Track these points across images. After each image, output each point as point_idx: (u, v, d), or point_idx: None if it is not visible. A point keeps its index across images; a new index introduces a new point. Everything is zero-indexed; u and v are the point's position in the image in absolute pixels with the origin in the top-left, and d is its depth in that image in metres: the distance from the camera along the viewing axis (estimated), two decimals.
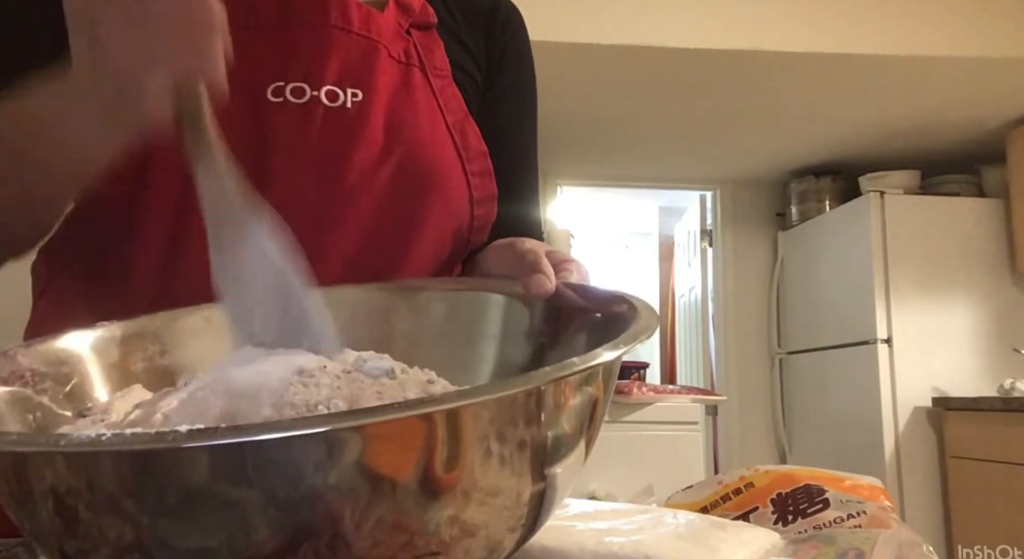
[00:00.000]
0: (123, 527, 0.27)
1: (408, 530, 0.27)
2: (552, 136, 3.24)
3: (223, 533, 0.27)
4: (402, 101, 0.64)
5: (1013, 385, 2.82)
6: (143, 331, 0.49)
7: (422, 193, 0.64)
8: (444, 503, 0.28)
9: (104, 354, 0.46)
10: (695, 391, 2.48)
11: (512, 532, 0.32)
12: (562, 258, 0.54)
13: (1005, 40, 2.60)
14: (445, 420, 0.27)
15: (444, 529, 0.28)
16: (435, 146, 0.65)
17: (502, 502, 0.30)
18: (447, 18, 0.71)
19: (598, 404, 0.35)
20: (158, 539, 0.27)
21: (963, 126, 3.19)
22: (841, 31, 2.56)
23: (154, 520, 0.27)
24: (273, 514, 0.26)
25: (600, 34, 2.49)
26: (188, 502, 0.26)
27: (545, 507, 0.33)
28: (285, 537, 0.26)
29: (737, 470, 0.62)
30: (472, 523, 0.29)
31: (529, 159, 0.79)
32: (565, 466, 0.33)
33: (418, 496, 0.27)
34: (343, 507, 0.26)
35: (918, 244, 3.19)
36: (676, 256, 5.07)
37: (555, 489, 0.33)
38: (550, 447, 0.31)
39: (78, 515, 0.27)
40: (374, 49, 0.64)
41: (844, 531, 0.53)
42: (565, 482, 0.34)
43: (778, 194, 4.01)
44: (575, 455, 0.34)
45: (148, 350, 0.48)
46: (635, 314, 0.41)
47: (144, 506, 0.27)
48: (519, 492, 0.30)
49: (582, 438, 0.34)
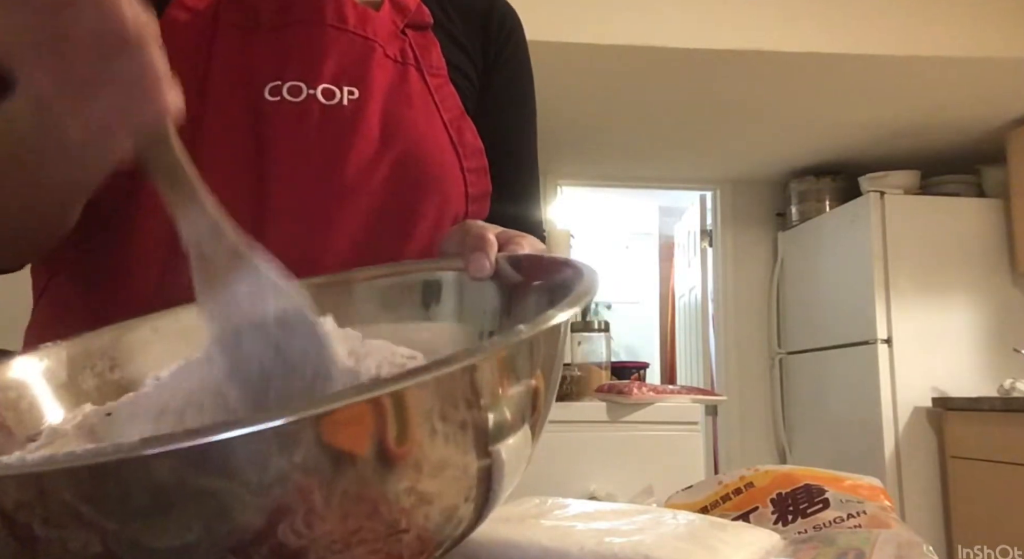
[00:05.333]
0: (88, 537, 0.26)
1: (371, 500, 0.29)
2: (552, 136, 3.24)
3: (199, 526, 0.27)
4: (398, 99, 0.64)
5: (1013, 385, 2.81)
6: (89, 349, 0.48)
7: (419, 189, 0.64)
8: (399, 475, 0.29)
9: (52, 376, 0.46)
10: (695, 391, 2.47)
11: (467, 501, 0.33)
12: (515, 235, 0.53)
13: (1005, 40, 2.60)
14: (391, 402, 0.28)
15: (403, 498, 0.30)
16: (431, 143, 0.65)
17: (451, 473, 0.32)
18: (442, 18, 0.72)
19: (543, 371, 0.36)
20: (130, 543, 0.26)
21: (963, 126, 3.19)
22: (841, 31, 2.56)
23: (123, 525, 0.26)
24: (247, 499, 0.27)
25: (600, 34, 2.49)
26: (157, 502, 0.26)
27: (495, 479, 0.34)
28: (262, 519, 0.27)
29: (737, 470, 0.62)
30: (427, 492, 0.31)
31: (529, 159, 0.78)
32: (508, 446, 0.34)
33: (376, 469, 0.29)
34: (311, 484, 0.27)
35: (918, 244, 3.19)
36: (676, 256, 5.07)
37: (502, 462, 0.34)
38: (492, 423, 0.33)
39: (34, 533, 0.26)
40: (370, 48, 0.64)
41: (844, 531, 0.53)
42: (514, 454, 0.34)
43: (778, 194, 4.01)
44: (521, 435, 0.35)
45: (97, 367, 0.48)
46: (579, 277, 0.40)
47: (108, 512, 0.26)
48: (466, 465, 0.32)
49: (528, 405, 0.35)
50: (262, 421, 0.25)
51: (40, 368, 0.46)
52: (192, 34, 0.60)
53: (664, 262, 5.56)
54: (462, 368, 0.30)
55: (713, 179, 4.06)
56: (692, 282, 4.44)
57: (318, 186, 0.61)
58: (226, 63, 0.60)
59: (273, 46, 0.61)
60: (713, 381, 4.07)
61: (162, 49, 0.39)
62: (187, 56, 0.59)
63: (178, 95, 0.39)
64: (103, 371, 0.48)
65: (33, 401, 0.44)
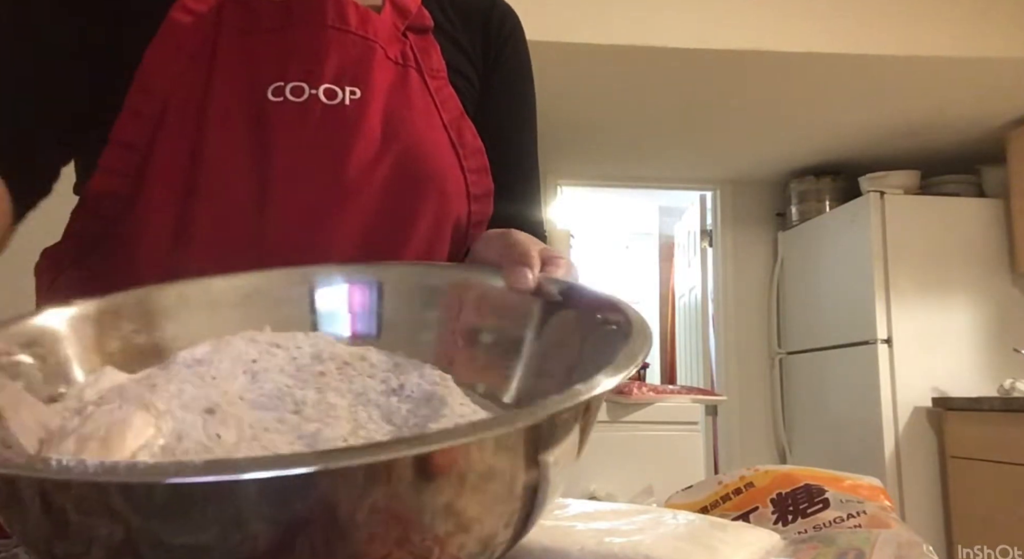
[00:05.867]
0: (114, 527, 0.27)
1: (403, 520, 0.27)
2: (552, 136, 3.24)
3: (216, 528, 0.26)
4: (398, 100, 0.65)
5: (1013, 385, 2.81)
6: (118, 308, 0.48)
7: (419, 189, 0.64)
8: (439, 487, 0.28)
9: (79, 333, 0.45)
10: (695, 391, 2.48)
11: (507, 527, 0.32)
12: (552, 254, 0.53)
13: (1005, 40, 2.60)
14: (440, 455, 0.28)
15: (439, 522, 0.28)
16: (431, 143, 0.66)
17: (496, 490, 0.30)
18: (442, 20, 0.72)
19: (589, 418, 0.36)
20: (149, 537, 0.27)
21: (963, 126, 3.19)
22: (841, 31, 2.56)
23: (146, 520, 0.26)
24: (265, 507, 0.26)
25: (600, 34, 2.49)
26: (178, 503, 0.26)
27: (539, 501, 0.33)
28: (279, 530, 0.26)
29: (737, 470, 0.62)
30: (466, 514, 0.29)
31: (530, 159, 0.79)
32: (558, 455, 0.33)
33: (413, 478, 0.27)
34: (337, 493, 0.26)
35: (918, 244, 3.19)
36: (676, 256, 5.07)
37: (548, 481, 0.33)
38: (545, 434, 0.32)
39: (67, 516, 0.27)
40: (371, 49, 0.64)
41: (844, 531, 0.53)
42: (558, 474, 0.34)
43: (778, 194, 4.01)
44: (568, 445, 0.34)
45: (123, 329, 0.47)
46: (630, 329, 0.40)
47: (136, 508, 0.26)
48: (512, 478, 0.31)
49: (576, 431, 0.34)
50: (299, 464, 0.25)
51: (70, 324, 0.45)
52: (195, 36, 0.60)
53: (664, 262, 5.55)
54: (518, 429, 0.30)
55: (713, 179, 4.06)
56: (692, 282, 4.44)
57: (320, 185, 0.61)
58: (229, 64, 0.60)
59: (275, 47, 0.62)
60: (713, 381, 4.07)
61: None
62: (190, 58, 0.60)
63: None
64: (128, 334, 0.47)
65: (60, 358, 0.43)
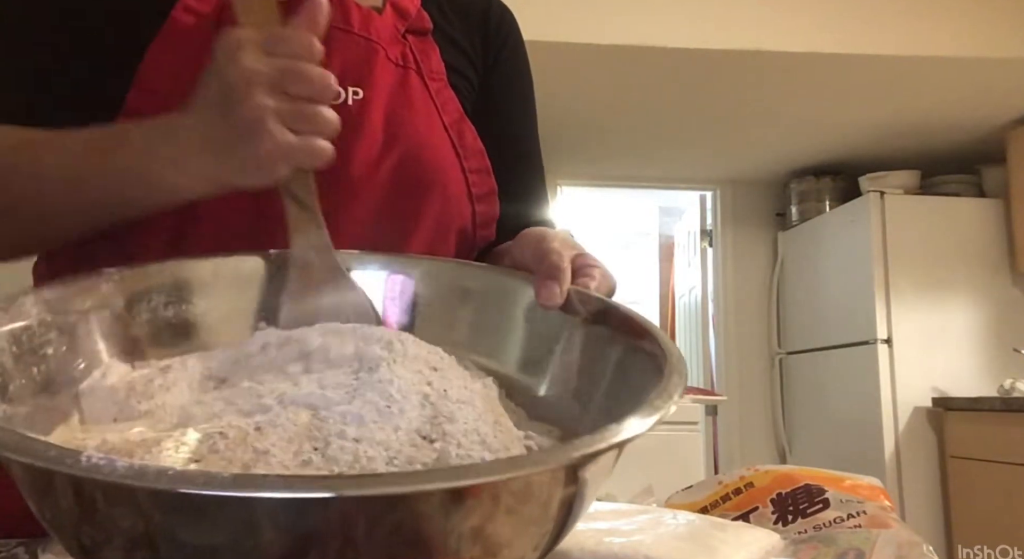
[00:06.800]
0: (136, 520, 0.27)
1: (426, 541, 0.26)
2: (552, 136, 3.24)
3: (228, 532, 0.26)
4: (400, 101, 0.65)
5: (1013, 385, 2.82)
6: (149, 280, 0.48)
7: (421, 190, 0.65)
8: (469, 508, 0.26)
9: (109, 304, 0.45)
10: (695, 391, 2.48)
11: (535, 550, 0.31)
12: (588, 263, 0.53)
13: (1005, 40, 2.60)
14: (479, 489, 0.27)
15: (465, 546, 0.27)
16: (432, 144, 0.66)
17: (530, 512, 0.29)
18: (441, 21, 0.72)
19: None
20: (166, 533, 0.27)
21: (963, 126, 3.19)
22: (841, 31, 2.56)
23: (166, 516, 0.27)
24: (280, 516, 0.26)
25: (600, 34, 2.49)
26: (200, 504, 0.26)
27: (572, 515, 0.32)
28: (291, 540, 0.26)
29: (737, 470, 0.62)
30: (496, 539, 0.28)
31: (532, 157, 0.79)
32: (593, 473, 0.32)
33: (441, 498, 0.26)
34: (358, 512, 0.26)
35: (918, 244, 3.19)
36: (676, 256, 5.07)
37: (583, 499, 0.32)
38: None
39: (96, 506, 0.27)
40: (373, 50, 0.65)
41: (844, 531, 0.53)
42: (593, 492, 0.33)
43: (778, 194, 4.01)
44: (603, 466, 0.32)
45: (153, 300, 0.47)
46: (664, 362, 0.39)
47: (157, 504, 0.27)
48: (549, 496, 0.30)
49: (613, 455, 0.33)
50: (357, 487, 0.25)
51: (102, 293, 0.45)
52: (198, 36, 0.60)
53: (664, 262, 5.55)
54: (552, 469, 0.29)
55: (713, 179, 4.06)
56: (692, 282, 4.43)
57: (323, 185, 0.61)
58: None
59: None
60: (713, 381, 4.07)
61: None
62: (194, 58, 0.59)
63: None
64: (158, 306, 0.47)
65: (88, 327, 0.43)
